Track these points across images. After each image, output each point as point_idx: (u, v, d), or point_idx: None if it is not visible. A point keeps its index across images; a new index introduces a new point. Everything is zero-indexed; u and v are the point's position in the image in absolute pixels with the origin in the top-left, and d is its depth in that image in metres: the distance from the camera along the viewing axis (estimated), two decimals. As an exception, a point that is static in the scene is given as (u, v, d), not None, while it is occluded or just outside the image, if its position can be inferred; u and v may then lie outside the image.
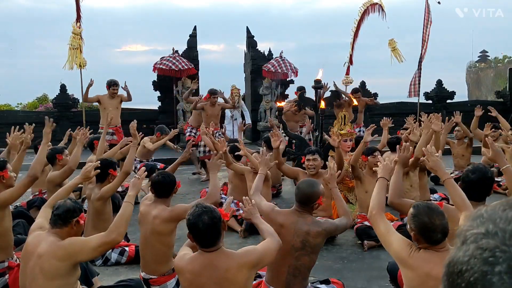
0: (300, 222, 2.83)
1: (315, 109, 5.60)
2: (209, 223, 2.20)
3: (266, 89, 12.08)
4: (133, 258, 4.00)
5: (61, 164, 4.66)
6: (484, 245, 0.57)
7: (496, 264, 0.55)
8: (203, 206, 2.27)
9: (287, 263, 2.77)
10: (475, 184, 2.74)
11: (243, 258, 2.30)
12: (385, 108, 14.38)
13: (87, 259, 2.65)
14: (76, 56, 10.72)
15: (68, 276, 2.58)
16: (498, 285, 0.54)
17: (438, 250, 2.19)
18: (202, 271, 2.26)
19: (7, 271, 3.31)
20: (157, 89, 12.15)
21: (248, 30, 13.08)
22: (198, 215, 2.21)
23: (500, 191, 6.41)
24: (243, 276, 2.27)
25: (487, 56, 32.43)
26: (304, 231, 2.80)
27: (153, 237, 3.22)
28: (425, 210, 2.20)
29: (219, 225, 2.26)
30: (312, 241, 2.79)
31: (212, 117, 7.49)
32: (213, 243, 2.27)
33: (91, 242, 2.62)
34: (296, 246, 2.79)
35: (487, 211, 0.62)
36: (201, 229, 2.20)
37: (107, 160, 4.18)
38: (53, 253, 2.55)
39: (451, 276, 0.59)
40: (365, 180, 4.69)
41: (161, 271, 3.26)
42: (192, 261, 2.32)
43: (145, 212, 3.35)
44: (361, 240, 4.44)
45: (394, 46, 12.50)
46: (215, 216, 2.24)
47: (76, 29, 10.82)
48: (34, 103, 17.29)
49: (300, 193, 2.89)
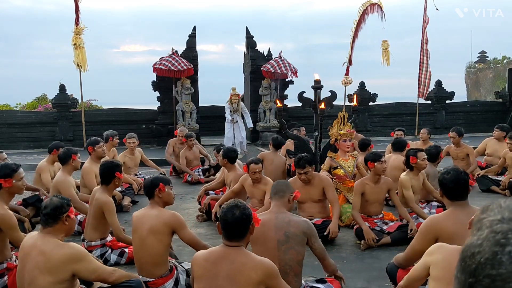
0: (280, 216, 2.94)
1: (314, 109, 5.59)
2: (238, 217, 2.30)
3: (265, 90, 12.07)
4: (132, 259, 3.99)
5: (73, 165, 4.92)
6: (498, 229, 0.59)
7: (506, 245, 0.56)
8: (239, 201, 2.41)
9: (277, 260, 2.79)
10: (451, 183, 2.86)
11: (262, 262, 2.33)
12: (384, 108, 14.39)
13: (83, 274, 2.67)
14: (82, 55, 10.88)
15: (67, 278, 2.59)
16: (507, 264, 0.55)
17: None
18: (218, 261, 2.32)
19: (6, 272, 3.30)
20: (156, 89, 12.14)
21: (247, 30, 13.07)
22: (231, 207, 2.34)
23: (499, 192, 6.41)
24: (257, 277, 2.27)
25: (486, 56, 32.46)
26: (284, 222, 2.90)
27: (151, 237, 3.20)
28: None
29: (247, 223, 2.35)
30: (294, 230, 2.87)
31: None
32: (236, 236, 2.34)
33: (95, 266, 2.71)
34: (281, 240, 2.85)
35: (505, 202, 0.64)
36: (229, 221, 2.31)
37: (113, 163, 4.10)
38: (52, 254, 2.56)
39: (464, 260, 0.61)
40: (366, 192, 4.59)
41: (158, 273, 3.25)
42: (210, 251, 2.44)
43: (140, 215, 3.34)
44: (360, 239, 4.44)
45: (387, 48, 12.55)
46: (246, 213, 2.35)
47: (78, 28, 10.92)
48: (34, 103, 17.29)
49: (275, 186, 3.19)
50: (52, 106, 12.67)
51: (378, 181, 4.58)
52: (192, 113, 11.60)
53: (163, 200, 3.35)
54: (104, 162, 4.27)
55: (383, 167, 4.55)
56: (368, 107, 13.80)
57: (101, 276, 2.72)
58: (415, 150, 4.95)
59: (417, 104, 13.40)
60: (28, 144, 11.94)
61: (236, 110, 10.09)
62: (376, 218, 4.63)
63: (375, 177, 4.57)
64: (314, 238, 2.92)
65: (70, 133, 12.12)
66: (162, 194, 3.32)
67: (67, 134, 12.09)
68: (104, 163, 4.14)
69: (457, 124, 8.44)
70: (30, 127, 12.22)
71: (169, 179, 3.47)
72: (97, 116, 12.81)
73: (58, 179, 4.82)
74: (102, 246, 4.03)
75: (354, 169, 5.45)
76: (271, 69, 11.71)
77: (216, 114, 12.93)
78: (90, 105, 16.70)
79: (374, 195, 4.58)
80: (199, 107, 12.42)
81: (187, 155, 7.84)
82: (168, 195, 3.36)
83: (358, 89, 13.61)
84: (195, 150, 7.99)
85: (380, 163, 4.51)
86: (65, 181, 4.77)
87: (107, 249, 4.04)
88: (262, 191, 4.85)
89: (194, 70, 11.62)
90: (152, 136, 12.15)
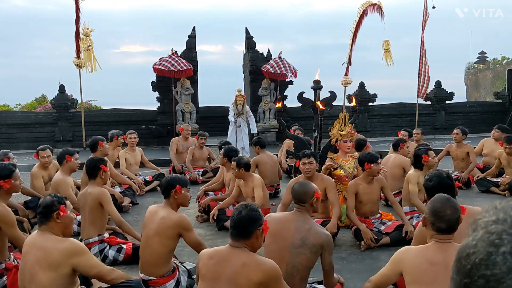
0: (301, 220, 2.88)
1: (314, 109, 5.59)
2: (243, 216, 2.31)
3: (265, 90, 12.07)
4: (130, 255, 4.02)
5: (68, 166, 4.94)
6: (492, 230, 0.59)
7: (501, 246, 0.56)
8: (250, 203, 2.43)
9: (285, 261, 2.77)
10: (435, 189, 2.87)
11: (264, 263, 2.31)
12: (384, 108, 14.39)
13: (83, 269, 2.69)
14: (92, 57, 10.94)
15: (67, 273, 2.61)
16: (501, 264, 0.55)
17: (440, 241, 2.30)
18: (221, 262, 2.32)
19: (5, 273, 3.30)
20: (156, 90, 12.14)
21: (247, 31, 13.07)
22: (241, 205, 2.38)
23: (499, 192, 6.41)
24: (257, 278, 2.26)
25: (486, 57, 32.51)
26: (305, 229, 2.83)
27: (156, 239, 3.20)
28: (442, 198, 2.38)
29: (253, 225, 2.32)
30: (312, 240, 2.80)
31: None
32: (241, 236, 2.32)
33: (95, 262, 2.74)
34: (296, 243, 2.81)
35: (500, 203, 0.64)
36: (235, 219, 2.33)
37: (96, 157, 4.31)
38: (53, 248, 2.59)
39: (459, 261, 0.61)
40: (360, 192, 4.61)
41: (160, 273, 3.25)
42: (216, 249, 2.44)
43: (153, 211, 3.35)
44: (359, 241, 4.45)
45: (388, 48, 12.55)
46: (253, 214, 2.34)
47: (86, 30, 10.98)
48: (33, 103, 17.29)
49: (295, 193, 3.00)
50: (52, 106, 12.66)
51: (371, 181, 4.62)
52: (191, 114, 11.60)
53: (178, 202, 3.34)
54: (89, 158, 4.43)
55: (378, 169, 4.58)
56: (368, 108, 13.80)
57: (100, 273, 2.74)
58: (425, 148, 5.00)
59: (417, 104, 13.40)
60: (27, 145, 11.92)
61: (241, 114, 9.47)
62: (373, 219, 4.66)
63: (368, 177, 4.60)
64: (328, 252, 2.86)
65: (69, 134, 12.11)
66: (178, 195, 3.29)
67: (67, 135, 12.08)
68: (89, 159, 4.31)
69: (456, 125, 8.43)
70: (30, 127, 12.21)
71: (187, 181, 3.44)
72: (96, 116, 12.80)
73: (56, 179, 4.91)
74: (101, 242, 4.06)
75: (354, 170, 5.45)
76: (271, 70, 11.71)
77: (216, 114, 12.92)
78: (90, 105, 16.71)
79: (367, 195, 4.62)
80: (199, 107, 12.42)
81: (195, 153, 7.82)
82: (184, 197, 3.34)
83: (358, 89, 13.61)
84: (205, 151, 7.97)
85: (377, 164, 4.55)
86: (62, 180, 4.86)
87: (105, 245, 4.06)
88: (251, 188, 4.98)
89: (193, 70, 11.62)
90: (151, 136, 12.14)
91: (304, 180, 3.31)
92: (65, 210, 2.74)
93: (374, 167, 4.53)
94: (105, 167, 4.16)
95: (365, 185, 4.60)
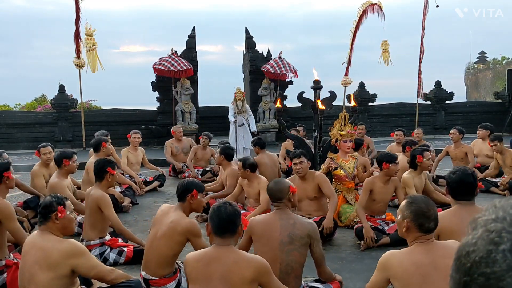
0: (284, 218, 2.93)
1: (314, 109, 5.59)
2: (231, 212, 2.41)
3: (264, 90, 12.06)
4: (131, 258, 4.00)
5: (67, 169, 4.86)
6: (492, 228, 0.60)
7: (501, 244, 0.57)
8: (229, 202, 2.52)
9: (278, 260, 2.81)
10: (457, 183, 2.89)
11: (254, 260, 2.36)
12: (383, 108, 14.40)
13: (82, 269, 2.69)
14: (95, 57, 10.95)
15: (66, 274, 2.62)
16: (500, 262, 0.56)
17: (426, 241, 2.29)
18: (211, 262, 2.33)
19: (5, 270, 3.30)
20: (156, 89, 12.14)
21: (247, 31, 13.07)
22: (223, 203, 2.47)
23: (498, 192, 6.42)
24: (250, 275, 2.29)
25: (486, 57, 32.51)
26: (290, 224, 2.89)
27: (162, 241, 3.18)
28: (422, 199, 2.36)
29: (239, 220, 2.44)
30: (299, 233, 2.85)
31: None
32: (230, 231, 2.38)
33: (94, 263, 2.74)
34: (285, 241, 2.84)
35: (500, 202, 0.65)
36: (223, 215, 2.39)
37: (105, 159, 4.23)
38: (52, 249, 2.59)
39: (459, 259, 0.62)
40: (375, 191, 4.61)
41: (162, 274, 3.24)
42: (202, 252, 2.46)
43: (164, 212, 3.31)
44: (360, 239, 4.45)
45: (386, 48, 12.56)
46: (238, 210, 2.47)
47: (89, 30, 11.00)
48: (33, 103, 17.29)
49: (271, 192, 3.08)
50: (52, 106, 12.66)
51: (387, 181, 4.63)
52: (191, 114, 11.60)
53: (192, 207, 3.27)
54: (97, 159, 4.39)
55: (396, 169, 4.60)
56: (368, 108, 13.81)
57: (100, 274, 2.74)
58: (421, 149, 5.01)
59: (417, 104, 13.41)
60: (27, 145, 11.92)
61: (241, 112, 9.28)
62: (378, 219, 4.68)
63: (385, 177, 4.61)
64: (316, 241, 2.90)
65: (69, 134, 12.12)
66: (193, 200, 3.22)
67: (67, 135, 12.09)
68: (97, 160, 4.28)
69: (456, 125, 8.44)
70: (30, 127, 12.21)
71: (203, 186, 3.38)
72: (96, 116, 12.80)
73: (52, 182, 4.86)
74: (101, 245, 4.05)
75: (354, 170, 5.46)
76: (271, 70, 11.71)
77: (216, 114, 12.92)
78: (90, 105, 16.71)
79: (381, 194, 4.64)
80: (199, 107, 12.42)
81: (197, 152, 7.84)
82: (199, 202, 3.27)
83: (358, 89, 13.62)
84: (208, 151, 7.97)
85: (395, 164, 4.56)
86: (58, 183, 4.81)
87: (106, 248, 4.04)
88: (257, 189, 4.93)
89: (193, 70, 11.62)
90: (151, 136, 12.14)
91: (276, 179, 3.34)
92: (63, 211, 2.74)
93: (392, 167, 4.54)
94: (113, 170, 4.12)
95: (381, 184, 4.61)
